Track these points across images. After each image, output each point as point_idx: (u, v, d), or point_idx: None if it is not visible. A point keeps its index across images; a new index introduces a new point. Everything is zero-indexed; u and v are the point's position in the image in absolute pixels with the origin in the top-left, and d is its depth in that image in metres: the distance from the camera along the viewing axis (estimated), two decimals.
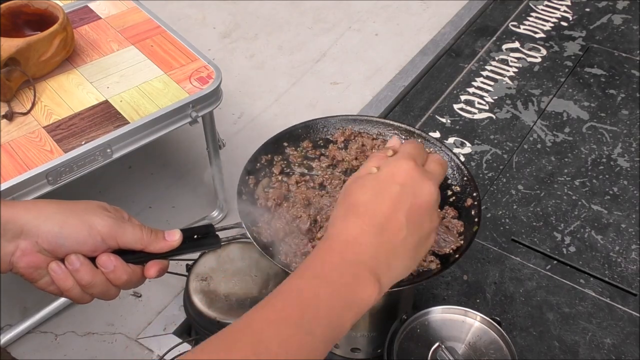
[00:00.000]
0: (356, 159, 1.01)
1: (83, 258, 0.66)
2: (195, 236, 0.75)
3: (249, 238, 0.89)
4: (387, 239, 0.62)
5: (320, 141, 1.06)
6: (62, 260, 0.66)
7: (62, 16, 1.25)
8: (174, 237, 0.72)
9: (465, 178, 0.98)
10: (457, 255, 0.88)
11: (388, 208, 0.62)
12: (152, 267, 0.70)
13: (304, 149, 1.04)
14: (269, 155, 1.02)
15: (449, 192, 1.00)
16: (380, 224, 0.62)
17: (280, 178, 1.00)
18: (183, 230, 0.73)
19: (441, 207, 0.98)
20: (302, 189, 0.97)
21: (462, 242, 0.90)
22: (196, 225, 0.77)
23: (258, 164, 1.01)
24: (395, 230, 0.62)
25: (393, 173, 0.64)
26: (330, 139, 1.06)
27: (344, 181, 0.99)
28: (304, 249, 0.90)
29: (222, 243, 0.78)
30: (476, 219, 0.92)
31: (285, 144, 1.04)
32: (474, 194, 0.95)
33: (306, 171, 1.02)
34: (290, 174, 1.01)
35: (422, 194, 0.64)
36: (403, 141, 0.72)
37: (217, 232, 0.78)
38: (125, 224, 0.68)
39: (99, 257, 0.67)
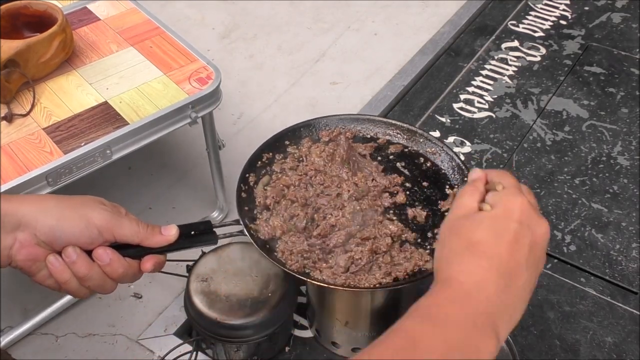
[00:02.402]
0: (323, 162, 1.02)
1: (80, 251, 0.67)
2: (193, 232, 0.76)
3: (247, 235, 0.90)
4: (508, 283, 0.58)
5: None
6: (60, 253, 0.67)
7: (61, 18, 1.24)
8: (171, 232, 0.72)
9: (465, 178, 0.98)
10: None
11: (509, 249, 0.59)
12: (149, 261, 0.71)
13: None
14: (270, 154, 1.02)
15: (449, 192, 1.00)
16: (502, 266, 0.58)
17: (280, 176, 1.00)
18: (180, 227, 0.74)
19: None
20: (300, 187, 0.97)
21: None
22: (194, 222, 0.77)
23: (259, 162, 1.01)
24: (517, 274, 0.59)
25: (510, 209, 0.61)
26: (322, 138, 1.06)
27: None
28: (300, 246, 0.90)
29: (220, 239, 0.78)
30: None
31: (287, 142, 1.04)
32: None
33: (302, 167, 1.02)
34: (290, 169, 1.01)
35: (540, 231, 0.62)
36: (483, 172, 0.68)
37: (214, 229, 0.78)
38: (122, 218, 0.69)
39: (95, 250, 0.68)
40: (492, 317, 0.57)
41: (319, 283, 0.88)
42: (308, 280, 0.88)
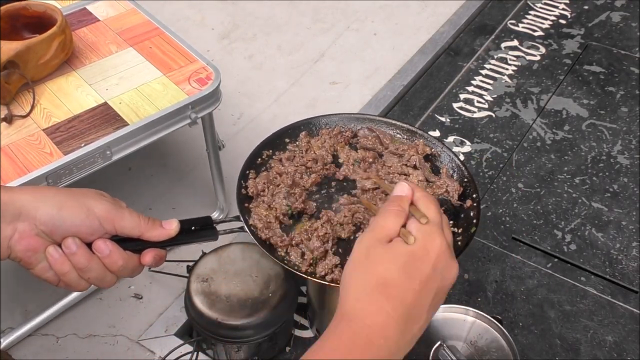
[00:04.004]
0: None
1: (80, 242, 0.67)
2: (193, 228, 0.76)
3: (247, 232, 0.90)
4: (409, 327, 0.59)
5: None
6: (60, 245, 0.67)
7: (61, 19, 1.24)
8: (171, 226, 0.72)
9: (465, 179, 0.98)
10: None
11: (416, 294, 0.59)
12: (148, 254, 0.71)
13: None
14: (270, 151, 1.03)
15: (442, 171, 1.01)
16: (405, 312, 0.59)
17: (272, 164, 1.01)
18: (181, 221, 0.73)
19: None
20: (295, 176, 0.98)
21: None
22: (194, 217, 0.77)
23: (259, 160, 1.01)
24: (418, 318, 0.60)
25: (427, 251, 0.61)
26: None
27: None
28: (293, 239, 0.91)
29: (220, 236, 0.78)
30: (474, 220, 0.92)
31: (287, 140, 1.05)
32: (474, 195, 0.95)
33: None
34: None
35: (449, 277, 0.62)
36: (410, 189, 0.66)
37: (215, 225, 0.78)
38: (123, 210, 0.69)
39: (94, 242, 0.68)
40: (390, 358, 0.58)
41: (319, 281, 0.88)
42: (309, 278, 0.88)
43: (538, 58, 2.03)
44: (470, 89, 1.92)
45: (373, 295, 0.59)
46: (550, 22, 2.18)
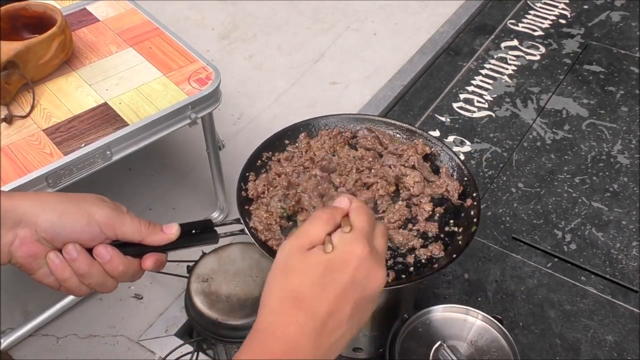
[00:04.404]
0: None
1: (80, 248, 0.67)
2: (194, 231, 0.76)
3: (247, 234, 0.90)
4: (326, 339, 0.58)
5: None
6: (61, 251, 0.67)
7: (60, 19, 1.24)
8: (172, 230, 0.72)
9: (465, 178, 0.98)
10: (454, 255, 0.88)
11: (332, 304, 0.58)
12: (149, 259, 0.71)
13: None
14: (270, 153, 1.03)
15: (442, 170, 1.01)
16: (321, 324, 0.57)
17: (271, 165, 1.01)
18: (181, 225, 0.73)
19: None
20: (293, 176, 0.98)
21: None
22: (195, 221, 0.77)
23: (259, 161, 1.01)
24: (335, 328, 0.58)
25: (346, 260, 0.59)
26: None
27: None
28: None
29: (220, 238, 0.78)
30: (475, 219, 0.92)
31: (287, 141, 1.05)
32: (474, 194, 0.95)
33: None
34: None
35: (372, 285, 0.60)
36: (350, 201, 0.64)
37: (215, 228, 0.78)
38: (123, 215, 0.69)
39: (95, 248, 0.68)
40: None
41: None
42: None
43: (538, 58, 2.03)
44: (470, 88, 1.92)
45: (285, 307, 0.58)
46: (550, 22, 2.18)
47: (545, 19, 2.19)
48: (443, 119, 1.82)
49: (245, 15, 2.25)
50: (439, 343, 1.01)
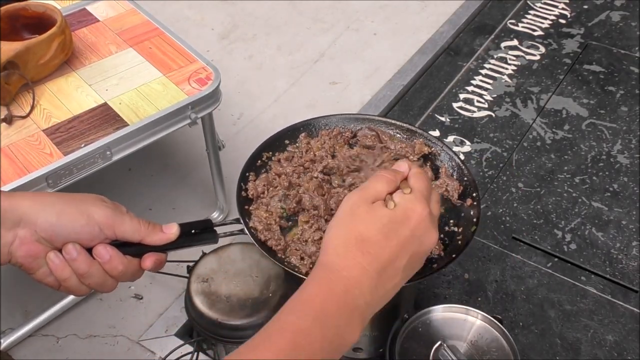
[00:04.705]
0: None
1: (80, 248, 0.67)
2: (193, 231, 0.76)
3: (247, 234, 0.90)
4: (383, 284, 0.64)
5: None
6: (60, 250, 0.67)
7: (60, 19, 1.24)
8: (172, 230, 0.72)
9: (465, 177, 0.98)
10: (454, 255, 0.88)
11: (393, 252, 0.64)
12: (149, 259, 0.71)
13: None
14: (270, 153, 1.03)
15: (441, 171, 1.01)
16: (381, 268, 0.63)
17: (271, 165, 1.00)
18: (181, 225, 0.74)
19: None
20: (293, 176, 0.98)
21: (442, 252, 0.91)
22: (194, 221, 0.77)
23: (259, 161, 1.01)
24: (392, 277, 0.64)
25: (408, 216, 0.65)
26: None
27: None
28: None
29: (220, 238, 0.78)
30: (475, 219, 0.92)
31: (287, 141, 1.05)
32: (474, 194, 0.95)
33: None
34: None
35: (427, 243, 0.66)
36: (409, 167, 0.71)
37: (215, 228, 0.78)
38: (123, 215, 0.69)
39: (95, 248, 0.68)
40: (361, 310, 0.62)
41: None
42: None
43: (538, 58, 2.03)
44: (470, 88, 1.92)
45: (351, 250, 0.63)
46: (550, 22, 2.18)
47: (545, 18, 2.19)
48: (443, 118, 1.82)
49: (245, 15, 2.25)
50: (439, 343, 1.01)
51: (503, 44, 2.09)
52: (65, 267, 0.67)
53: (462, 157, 1.69)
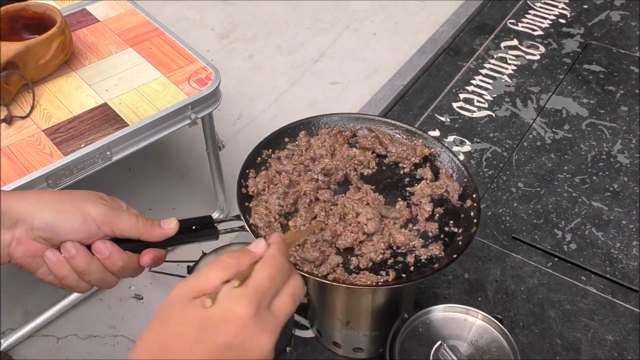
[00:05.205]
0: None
1: (79, 245, 0.66)
2: (194, 227, 0.75)
3: (248, 231, 0.90)
4: None
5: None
6: (59, 248, 0.67)
7: (60, 19, 1.24)
8: (170, 226, 0.72)
9: (465, 178, 0.98)
10: (454, 255, 0.88)
11: None
12: (147, 255, 0.70)
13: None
14: (270, 150, 1.03)
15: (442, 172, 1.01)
16: None
17: (271, 162, 1.01)
18: (181, 221, 0.73)
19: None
20: (293, 174, 0.98)
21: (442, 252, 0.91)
22: (195, 217, 0.77)
23: (259, 159, 1.01)
24: None
25: (225, 319, 0.52)
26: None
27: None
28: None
29: (220, 235, 0.78)
30: (475, 220, 0.92)
31: (287, 139, 1.05)
32: (474, 195, 0.95)
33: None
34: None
35: (253, 352, 0.52)
36: (267, 247, 0.59)
37: (215, 224, 0.78)
38: (120, 212, 0.69)
39: (94, 244, 0.67)
40: None
41: (321, 280, 0.87)
42: (311, 277, 0.88)
43: (538, 57, 2.03)
44: (470, 88, 1.92)
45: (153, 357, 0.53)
46: (550, 22, 2.18)
47: (545, 18, 2.19)
48: (443, 118, 1.82)
49: (245, 15, 2.25)
50: (439, 343, 1.01)
51: (503, 44, 2.09)
52: (62, 265, 0.67)
53: (462, 157, 1.69)
